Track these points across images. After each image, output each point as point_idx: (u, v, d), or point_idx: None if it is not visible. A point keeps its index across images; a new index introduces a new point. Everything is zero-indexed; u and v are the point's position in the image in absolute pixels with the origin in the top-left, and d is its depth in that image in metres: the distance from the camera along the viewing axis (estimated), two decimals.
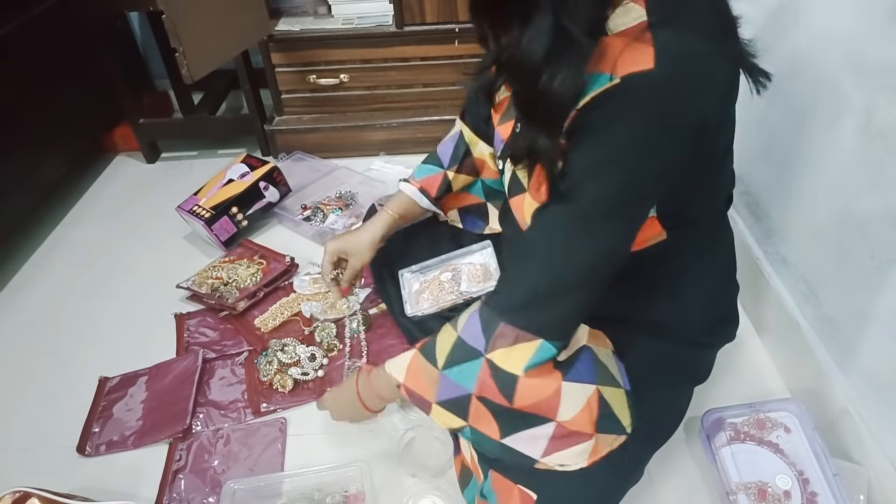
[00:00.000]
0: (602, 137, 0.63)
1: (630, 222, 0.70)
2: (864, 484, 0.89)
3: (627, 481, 0.86)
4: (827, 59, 0.95)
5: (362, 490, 0.96)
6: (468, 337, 0.75)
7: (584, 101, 0.63)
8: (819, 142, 1.00)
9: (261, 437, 1.09)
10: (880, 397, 0.90)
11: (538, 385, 0.73)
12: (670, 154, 0.65)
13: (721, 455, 0.94)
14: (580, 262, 0.69)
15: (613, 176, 0.64)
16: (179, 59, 1.35)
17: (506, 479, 0.82)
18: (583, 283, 0.70)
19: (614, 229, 0.68)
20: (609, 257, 0.70)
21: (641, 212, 0.70)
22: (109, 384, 1.22)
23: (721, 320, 0.93)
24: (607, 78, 0.61)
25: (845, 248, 0.94)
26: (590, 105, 0.63)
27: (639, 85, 0.60)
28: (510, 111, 0.85)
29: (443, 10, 1.62)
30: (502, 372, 0.72)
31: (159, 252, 1.55)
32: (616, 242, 0.70)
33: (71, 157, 1.80)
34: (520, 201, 0.81)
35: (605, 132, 0.63)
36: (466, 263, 1.15)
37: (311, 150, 1.82)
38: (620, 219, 0.68)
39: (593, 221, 0.67)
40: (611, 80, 0.61)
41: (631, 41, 0.61)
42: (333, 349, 1.22)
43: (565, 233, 0.68)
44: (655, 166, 0.64)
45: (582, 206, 0.66)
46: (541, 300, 0.71)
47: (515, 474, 0.82)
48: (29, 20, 1.59)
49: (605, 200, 0.65)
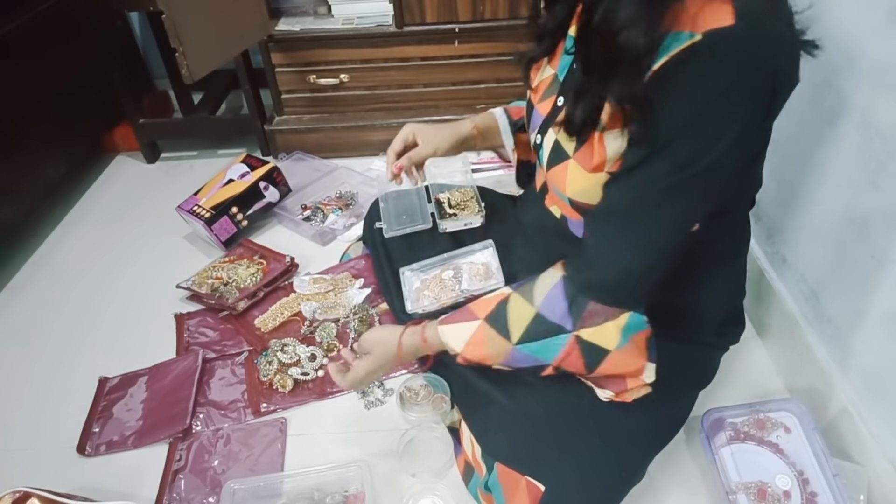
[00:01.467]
0: (690, 93, 0.63)
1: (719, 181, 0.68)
2: (864, 484, 0.89)
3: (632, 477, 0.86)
4: (827, 59, 0.95)
5: (362, 490, 0.96)
6: (550, 314, 0.75)
7: (665, 59, 0.63)
8: (819, 142, 1.00)
9: (261, 437, 1.09)
10: (880, 397, 0.90)
11: (625, 362, 0.75)
12: (755, 109, 0.64)
13: (721, 455, 0.94)
14: (677, 225, 0.69)
15: (705, 131, 0.63)
16: (179, 59, 1.35)
17: (513, 471, 0.83)
18: (676, 247, 0.71)
19: (708, 188, 0.67)
20: (696, 220, 0.70)
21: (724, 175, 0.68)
22: (109, 384, 1.22)
23: (730, 321, 0.94)
24: (688, 35, 0.61)
25: (845, 248, 0.94)
26: (671, 63, 0.62)
27: (721, 39, 0.60)
28: (551, 88, 0.84)
29: (443, 10, 1.62)
30: (594, 347, 0.73)
31: (159, 252, 1.55)
32: (707, 202, 0.69)
33: (71, 157, 1.80)
34: (561, 170, 0.79)
35: (692, 88, 0.62)
36: (468, 262, 1.15)
37: (311, 150, 1.83)
38: (714, 176, 0.66)
39: (691, 181, 0.66)
40: (691, 38, 0.61)
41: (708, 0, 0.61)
42: (333, 349, 1.22)
43: (660, 196, 0.68)
44: (740, 120, 0.63)
45: (679, 165, 0.65)
46: (637, 275, 0.71)
47: (523, 466, 0.82)
48: (29, 20, 1.59)
49: (702, 156, 0.64)
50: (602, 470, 0.82)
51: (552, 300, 0.75)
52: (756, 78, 0.62)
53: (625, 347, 0.74)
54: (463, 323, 0.82)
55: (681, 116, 0.63)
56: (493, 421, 0.91)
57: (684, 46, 0.61)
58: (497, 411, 0.91)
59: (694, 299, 0.87)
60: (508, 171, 1.62)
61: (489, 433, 0.91)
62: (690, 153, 0.64)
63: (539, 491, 0.80)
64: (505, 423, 0.89)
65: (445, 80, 1.75)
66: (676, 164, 0.65)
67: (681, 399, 0.94)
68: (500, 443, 0.88)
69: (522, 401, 0.89)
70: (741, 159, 0.68)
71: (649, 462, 0.90)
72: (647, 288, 0.73)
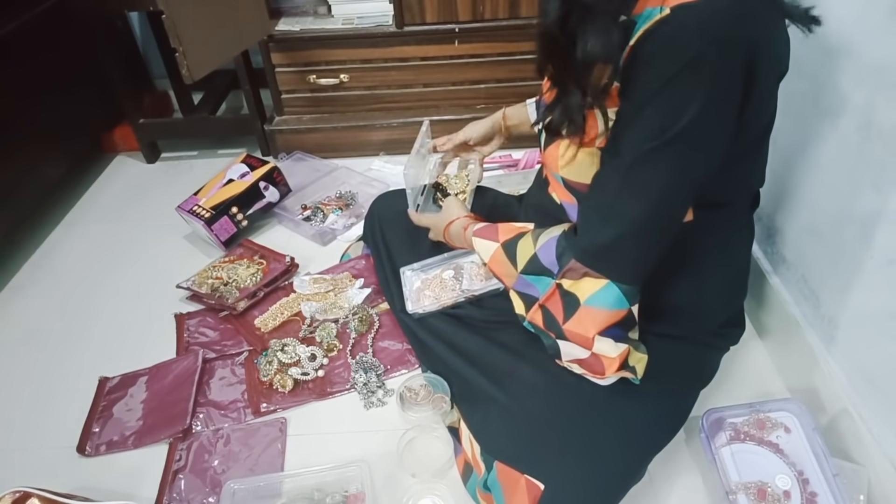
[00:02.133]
0: (657, 63, 0.65)
1: (694, 157, 0.68)
2: (864, 484, 0.89)
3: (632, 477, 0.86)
4: (827, 58, 0.95)
5: (362, 490, 0.96)
6: (543, 258, 0.82)
7: (637, 35, 0.65)
8: (819, 142, 1.00)
9: (261, 437, 1.09)
10: (880, 397, 0.90)
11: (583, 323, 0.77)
12: (725, 79, 0.64)
13: (721, 455, 0.94)
14: (650, 197, 0.70)
15: (673, 100, 0.65)
16: (179, 59, 1.35)
17: (512, 469, 0.83)
18: (655, 222, 0.72)
19: (681, 159, 0.68)
20: (673, 197, 0.71)
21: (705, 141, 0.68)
22: (109, 384, 1.22)
23: (729, 322, 0.94)
24: (657, 10, 0.64)
25: (845, 248, 0.94)
26: (642, 38, 0.65)
27: (687, 13, 0.62)
28: None
29: (443, 10, 1.62)
30: (570, 295, 0.78)
31: (159, 252, 1.55)
32: (681, 179, 0.70)
33: (71, 157, 1.80)
34: (554, 148, 0.83)
35: (659, 58, 0.64)
36: (468, 262, 1.15)
37: (311, 150, 1.83)
38: (686, 147, 0.67)
39: (661, 150, 0.67)
40: (661, 12, 0.64)
41: None
42: (333, 349, 1.22)
43: (632, 166, 0.69)
44: (707, 89, 0.64)
45: (649, 134, 0.67)
46: (608, 245, 0.73)
47: (523, 464, 0.82)
48: (29, 20, 1.59)
49: (672, 124, 0.65)
50: (601, 468, 0.83)
51: (547, 247, 0.82)
52: (723, 48, 0.62)
53: (592, 307, 0.76)
54: (488, 241, 0.93)
55: (650, 85, 0.65)
56: (492, 420, 0.91)
57: (653, 21, 0.64)
58: (496, 410, 0.91)
59: (693, 298, 0.87)
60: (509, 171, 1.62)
61: (488, 432, 0.91)
62: (659, 122, 0.66)
63: (538, 489, 0.80)
64: (504, 422, 0.89)
65: (445, 80, 1.75)
66: (647, 134, 0.67)
67: (680, 398, 0.94)
68: (500, 441, 0.88)
69: (522, 400, 0.89)
70: (718, 136, 0.68)
71: (649, 461, 0.90)
72: (628, 262, 0.74)
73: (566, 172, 0.82)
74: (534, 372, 0.91)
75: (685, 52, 0.62)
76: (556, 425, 0.86)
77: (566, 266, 0.78)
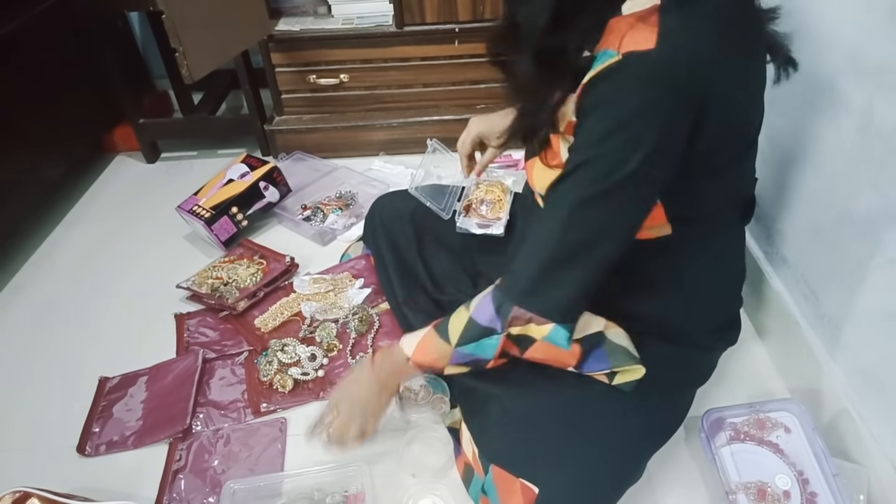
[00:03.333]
0: (604, 111, 0.66)
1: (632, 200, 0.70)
2: (864, 484, 0.89)
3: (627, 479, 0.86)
4: (827, 59, 0.95)
5: (362, 490, 0.96)
6: (481, 318, 0.80)
7: (591, 75, 0.67)
8: (819, 142, 1.00)
9: (261, 437, 1.09)
10: (880, 397, 0.90)
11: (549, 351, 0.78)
12: (671, 129, 0.66)
13: (721, 455, 0.94)
14: (579, 238, 0.71)
15: (619, 145, 0.66)
16: (179, 59, 1.35)
17: (507, 473, 0.83)
18: (584, 262, 0.72)
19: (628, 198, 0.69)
20: (609, 234, 0.71)
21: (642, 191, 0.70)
22: (109, 384, 1.22)
23: (722, 327, 0.93)
24: (613, 54, 0.65)
25: (845, 248, 0.94)
26: (595, 79, 0.66)
27: (637, 61, 0.63)
28: None
29: (443, 10, 1.62)
30: (523, 337, 0.78)
31: (159, 252, 1.55)
32: (617, 220, 0.71)
33: (71, 157, 1.79)
34: (530, 165, 0.83)
35: (607, 105, 0.66)
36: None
37: (311, 150, 1.82)
38: (633, 188, 0.68)
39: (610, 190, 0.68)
40: (614, 57, 0.64)
41: (637, 21, 0.65)
42: (333, 349, 1.22)
43: (568, 209, 0.71)
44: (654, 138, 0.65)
45: (598, 176, 0.68)
46: (544, 279, 0.74)
47: (518, 468, 0.82)
48: (29, 20, 1.59)
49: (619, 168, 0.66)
50: (596, 472, 0.82)
51: (482, 307, 0.80)
52: (672, 99, 0.64)
53: (550, 343, 0.77)
54: (417, 333, 0.88)
55: (599, 128, 0.67)
56: (490, 422, 0.91)
57: (606, 65, 0.65)
58: (495, 413, 0.91)
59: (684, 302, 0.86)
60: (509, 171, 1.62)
61: (487, 435, 0.91)
62: (607, 165, 0.67)
63: (533, 493, 0.80)
64: (502, 425, 0.89)
65: (445, 80, 1.75)
66: (596, 175, 0.68)
67: (677, 399, 0.94)
68: (496, 445, 0.88)
69: (521, 401, 0.89)
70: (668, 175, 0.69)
71: (645, 462, 0.89)
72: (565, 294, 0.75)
73: (541, 189, 0.81)
74: (531, 376, 0.91)
75: (632, 104, 0.64)
76: (551, 428, 0.86)
77: (509, 315, 0.77)
